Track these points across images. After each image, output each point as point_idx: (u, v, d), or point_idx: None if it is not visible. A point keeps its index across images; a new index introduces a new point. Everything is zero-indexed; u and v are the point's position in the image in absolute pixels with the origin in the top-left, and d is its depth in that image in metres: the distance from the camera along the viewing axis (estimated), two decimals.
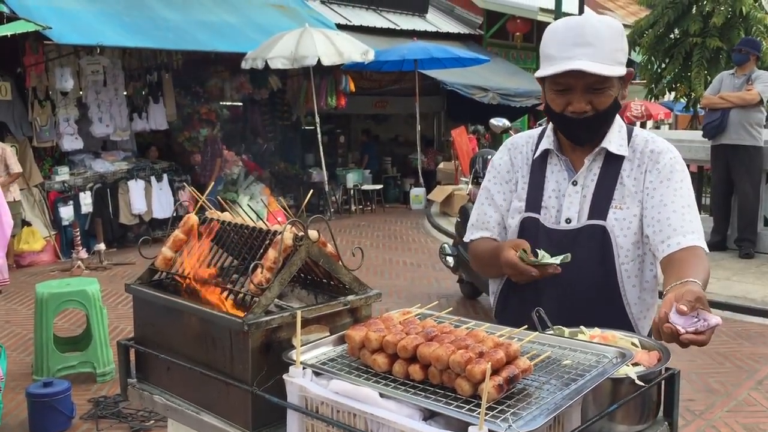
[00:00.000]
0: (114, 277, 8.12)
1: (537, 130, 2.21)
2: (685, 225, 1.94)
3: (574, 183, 2.06)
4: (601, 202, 2.02)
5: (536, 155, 2.13)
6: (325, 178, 11.97)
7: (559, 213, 2.05)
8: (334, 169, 13.53)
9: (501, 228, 2.18)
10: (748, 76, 7.66)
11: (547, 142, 2.11)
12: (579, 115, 1.95)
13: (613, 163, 2.04)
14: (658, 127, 19.57)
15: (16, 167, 8.08)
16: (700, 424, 4.25)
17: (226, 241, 2.05)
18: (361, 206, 13.22)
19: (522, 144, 2.19)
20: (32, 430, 4.18)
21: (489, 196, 2.20)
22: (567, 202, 2.05)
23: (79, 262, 8.44)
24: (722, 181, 7.92)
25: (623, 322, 2.04)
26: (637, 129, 2.11)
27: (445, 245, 7.10)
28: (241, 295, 1.81)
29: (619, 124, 2.07)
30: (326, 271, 1.91)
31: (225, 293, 1.85)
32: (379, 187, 13.74)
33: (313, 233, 1.85)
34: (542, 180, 2.09)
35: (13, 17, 8.53)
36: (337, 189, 13.04)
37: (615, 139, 2.04)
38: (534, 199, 2.09)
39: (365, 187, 13.43)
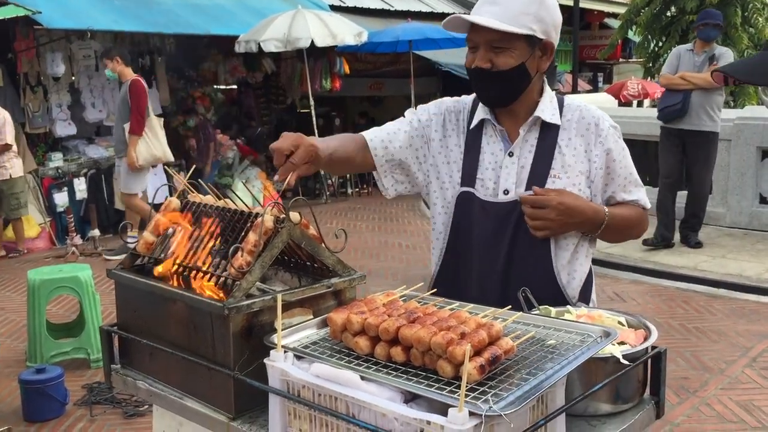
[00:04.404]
0: (109, 263, 8.10)
1: (470, 98, 2.18)
2: (630, 182, 2.10)
3: (510, 154, 2.05)
4: (539, 173, 2.03)
5: (473, 125, 2.11)
6: None
7: (497, 185, 2.04)
8: None
9: (390, 157, 2.13)
10: (710, 53, 6.90)
11: (483, 112, 2.10)
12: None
13: (549, 133, 2.04)
14: (654, 106, 19.46)
15: (8, 138, 7.90)
16: (695, 401, 4.26)
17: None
18: (357, 189, 13.16)
19: (457, 111, 2.16)
20: (26, 417, 4.18)
21: (407, 132, 2.14)
22: (504, 174, 2.04)
23: (74, 248, 8.41)
24: (680, 166, 7.26)
25: (553, 287, 2.03)
26: (568, 98, 2.12)
27: None
28: (222, 279, 1.79)
29: (550, 95, 2.08)
30: (309, 254, 1.89)
31: (206, 277, 1.83)
32: None
33: (294, 215, 1.82)
34: (478, 152, 2.08)
35: (2, 2, 8.44)
36: None
37: (547, 108, 2.05)
38: (469, 173, 2.08)
39: None
